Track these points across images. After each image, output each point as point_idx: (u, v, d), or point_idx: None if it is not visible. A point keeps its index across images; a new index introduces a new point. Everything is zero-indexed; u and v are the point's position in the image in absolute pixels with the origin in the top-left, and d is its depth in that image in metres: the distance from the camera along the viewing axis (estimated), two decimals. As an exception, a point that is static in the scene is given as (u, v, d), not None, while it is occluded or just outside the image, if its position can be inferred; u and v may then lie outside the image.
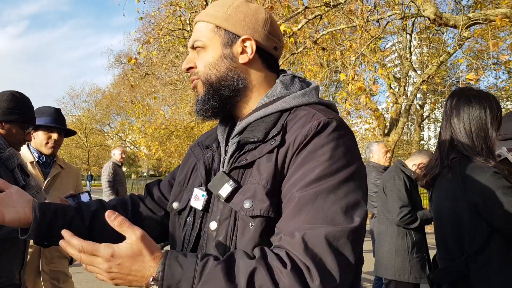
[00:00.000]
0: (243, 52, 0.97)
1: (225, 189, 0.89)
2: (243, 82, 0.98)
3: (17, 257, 1.88)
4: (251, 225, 0.84)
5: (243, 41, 0.97)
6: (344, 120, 0.96)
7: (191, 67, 1.01)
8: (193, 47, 1.00)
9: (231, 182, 0.89)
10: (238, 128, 0.98)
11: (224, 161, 0.99)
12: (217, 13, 0.98)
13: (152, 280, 0.75)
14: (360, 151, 0.92)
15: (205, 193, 0.95)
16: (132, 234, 0.77)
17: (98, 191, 9.19)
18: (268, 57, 1.01)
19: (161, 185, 1.20)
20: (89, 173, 33.11)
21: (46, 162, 2.53)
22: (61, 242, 0.80)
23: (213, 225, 0.91)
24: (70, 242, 0.78)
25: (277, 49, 1.02)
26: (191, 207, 0.98)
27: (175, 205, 1.04)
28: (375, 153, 3.75)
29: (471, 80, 6.17)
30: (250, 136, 0.93)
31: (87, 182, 29.62)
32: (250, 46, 0.97)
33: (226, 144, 1.02)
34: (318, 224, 0.78)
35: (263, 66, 1.01)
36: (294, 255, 0.75)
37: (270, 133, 0.91)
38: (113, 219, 0.77)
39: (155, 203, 1.17)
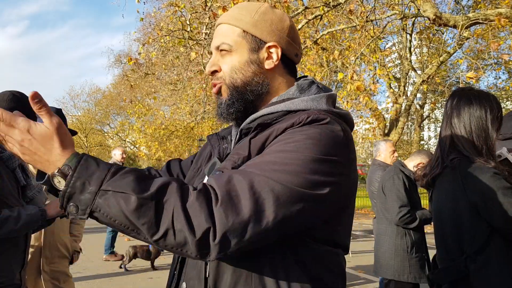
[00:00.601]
0: (268, 58, 1.00)
1: (208, 166, 0.97)
2: (267, 87, 1.00)
3: (18, 257, 1.89)
4: None
5: (269, 47, 0.99)
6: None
7: (216, 71, 1.01)
8: (218, 49, 1.01)
9: (217, 160, 0.96)
10: (246, 121, 1.00)
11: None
12: (244, 17, 0.99)
13: (58, 171, 0.76)
14: (359, 151, 0.92)
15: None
16: (49, 121, 0.79)
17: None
18: (290, 63, 1.04)
19: (183, 163, 1.22)
20: None
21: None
22: None
23: None
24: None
25: (297, 55, 1.05)
26: None
27: None
28: (382, 152, 3.75)
29: (471, 79, 6.17)
30: (249, 125, 0.96)
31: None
32: (276, 53, 1.00)
33: None
34: (251, 171, 0.78)
35: (285, 72, 1.03)
36: (209, 185, 0.77)
37: (262, 123, 0.94)
38: (36, 102, 0.77)
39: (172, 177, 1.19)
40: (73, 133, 2.71)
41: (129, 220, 0.72)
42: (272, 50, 0.99)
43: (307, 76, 1.07)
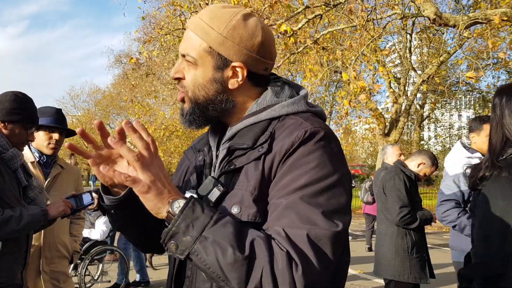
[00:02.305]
0: (233, 76, 0.97)
1: (214, 194, 0.92)
2: (231, 103, 0.99)
3: (19, 257, 1.89)
4: None
5: (234, 67, 0.96)
6: (344, 120, 0.96)
7: (180, 78, 0.99)
8: (183, 57, 0.98)
9: (220, 186, 0.92)
10: (228, 134, 1.00)
11: (215, 165, 1.01)
12: (212, 31, 0.94)
13: (170, 206, 0.81)
14: (359, 151, 0.93)
15: (195, 196, 0.96)
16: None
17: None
18: (258, 78, 1.01)
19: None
20: (92, 172, 33.04)
21: (47, 162, 2.53)
22: (130, 124, 0.83)
23: None
24: (143, 132, 0.84)
25: (267, 69, 1.02)
26: None
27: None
28: (389, 155, 3.79)
29: (471, 78, 6.16)
30: (240, 142, 0.95)
31: (92, 182, 29.52)
32: (241, 72, 0.96)
33: (217, 149, 1.03)
34: (299, 224, 0.81)
35: (252, 87, 1.01)
36: (283, 246, 0.79)
37: (258, 140, 0.92)
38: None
39: None
40: (73, 133, 2.71)
41: (222, 271, 0.77)
42: (238, 69, 0.96)
43: (275, 75, 1.06)
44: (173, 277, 1.00)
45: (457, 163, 2.82)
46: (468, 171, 1.73)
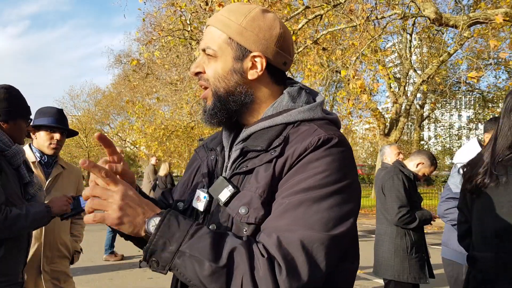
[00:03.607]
0: (252, 67, 0.98)
1: (224, 194, 0.92)
2: (250, 97, 0.99)
3: (21, 255, 1.90)
4: (245, 231, 0.88)
5: (254, 57, 0.97)
6: (345, 120, 0.97)
7: (200, 72, 1.01)
8: (204, 51, 1.00)
9: (230, 187, 0.92)
10: (243, 135, 1.00)
11: (227, 166, 1.01)
12: (232, 23, 0.97)
13: (146, 225, 0.82)
14: (359, 151, 0.94)
15: (206, 195, 0.97)
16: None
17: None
18: (276, 72, 1.02)
19: (173, 190, 1.22)
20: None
21: (48, 162, 2.53)
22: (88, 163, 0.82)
23: (212, 228, 0.93)
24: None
25: (286, 64, 1.02)
26: (193, 208, 1.01)
27: (180, 205, 1.06)
28: (387, 155, 3.79)
29: (473, 78, 6.16)
30: (254, 144, 0.95)
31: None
32: (260, 63, 0.97)
33: (230, 149, 1.04)
34: (296, 227, 0.81)
35: (271, 81, 1.01)
36: (267, 250, 0.80)
37: (272, 143, 0.93)
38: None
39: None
40: (74, 133, 2.71)
41: (202, 283, 0.78)
42: (257, 59, 0.97)
43: (292, 80, 1.07)
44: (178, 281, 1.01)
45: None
46: (461, 171, 1.72)
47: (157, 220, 0.82)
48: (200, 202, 0.98)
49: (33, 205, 1.90)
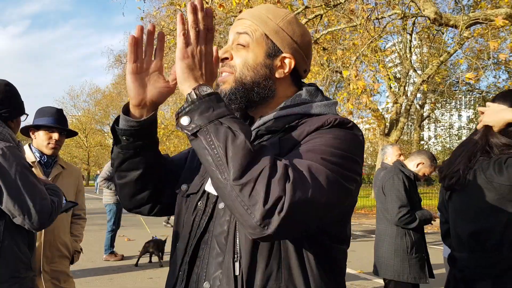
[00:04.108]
0: (280, 67, 1.02)
1: None
2: (273, 93, 1.02)
3: (33, 246, 1.90)
4: None
5: (284, 57, 1.01)
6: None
7: (227, 58, 1.02)
8: (238, 34, 1.02)
9: None
10: (258, 122, 1.02)
11: None
12: (270, 21, 1.01)
13: (197, 86, 0.85)
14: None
15: None
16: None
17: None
18: (297, 77, 1.07)
19: (176, 162, 1.19)
20: (98, 172, 33.05)
21: (48, 162, 2.53)
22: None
23: (221, 205, 0.95)
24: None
25: (306, 71, 1.08)
26: (204, 192, 1.00)
27: (184, 187, 1.06)
28: (388, 155, 3.79)
29: (471, 79, 6.17)
30: (269, 127, 0.98)
31: (95, 183, 29.43)
32: (289, 64, 1.02)
33: None
34: (305, 159, 0.84)
35: (292, 83, 1.06)
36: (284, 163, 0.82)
37: (288, 125, 0.96)
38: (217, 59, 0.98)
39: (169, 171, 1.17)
40: (74, 133, 2.71)
41: (226, 153, 0.77)
42: (286, 61, 1.01)
43: (309, 83, 1.10)
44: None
45: None
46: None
47: (208, 89, 0.85)
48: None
49: (53, 193, 1.89)
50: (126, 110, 0.99)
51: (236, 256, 0.89)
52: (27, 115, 2.06)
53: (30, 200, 1.67)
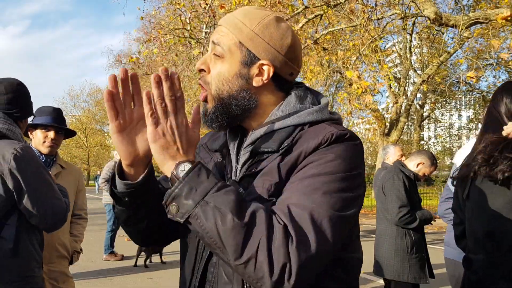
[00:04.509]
0: (258, 74, 0.97)
1: None
2: (254, 103, 0.98)
3: (43, 245, 1.90)
4: None
5: (261, 64, 0.96)
6: (345, 120, 0.98)
7: (204, 70, 1.00)
8: (214, 44, 0.99)
9: (241, 190, 0.92)
10: (251, 137, 0.99)
11: (236, 169, 1.00)
12: (244, 27, 0.96)
13: (175, 167, 0.83)
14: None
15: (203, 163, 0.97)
16: (199, 130, 0.90)
17: (98, 191, 9.05)
18: (282, 81, 1.01)
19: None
20: (98, 173, 33.03)
21: (46, 162, 2.51)
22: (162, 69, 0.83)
23: None
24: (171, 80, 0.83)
25: (292, 74, 1.02)
26: None
27: None
28: (390, 155, 3.78)
29: (472, 78, 6.16)
30: (264, 146, 0.94)
31: (96, 183, 29.41)
32: (267, 71, 0.97)
33: (238, 153, 1.02)
34: (307, 203, 0.82)
35: (276, 89, 1.01)
36: (282, 219, 0.80)
37: (283, 144, 0.93)
38: (197, 112, 0.91)
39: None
40: (73, 133, 2.70)
41: (219, 237, 0.77)
42: (264, 68, 0.96)
43: (297, 82, 1.07)
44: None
45: None
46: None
47: (187, 166, 0.82)
48: None
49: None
50: (120, 170, 0.94)
51: (245, 285, 0.88)
52: (34, 116, 2.06)
53: (47, 201, 1.68)
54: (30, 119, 2.33)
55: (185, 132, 0.85)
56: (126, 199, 0.95)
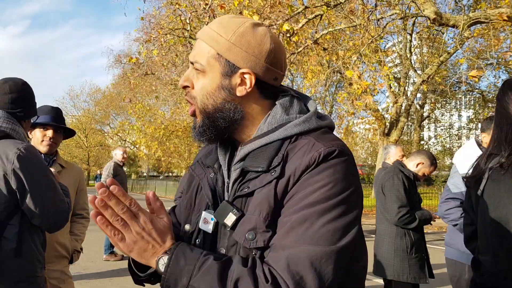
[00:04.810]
0: (241, 84, 0.96)
1: (230, 218, 0.93)
2: (240, 113, 0.98)
3: (45, 245, 1.89)
4: (254, 253, 0.89)
5: (243, 73, 0.95)
6: (345, 120, 0.98)
7: (188, 86, 1.00)
8: (193, 65, 0.99)
9: (235, 211, 0.93)
10: (240, 154, 0.99)
11: (228, 185, 1.01)
12: (221, 38, 0.95)
13: (156, 265, 0.87)
14: (359, 151, 0.94)
15: (214, 217, 0.98)
16: (167, 215, 0.91)
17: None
18: (267, 87, 1.00)
19: (176, 210, 1.20)
20: (98, 172, 33.08)
21: (45, 161, 2.50)
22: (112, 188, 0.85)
23: (221, 251, 0.96)
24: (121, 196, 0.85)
25: (277, 79, 1.00)
26: (200, 230, 1.01)
27: (187, 227, 1.05)
28: (391, 155, 3.77)
29: (475, 77, 6.15)
30: (253, 165, 0.94)
31: (96, 182, 29.50)
32: (249, 79, 0.95)
33: (229, 168, 1.03)
34: (303, 244, 0.82)
35: (261, 97, 1.00)
36: (276, 272, 0.81)
37: (272, 162, 0.92)
38: (156, 200, 0.91)
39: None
40: (72, 133, 2.70)
41: None
42: (246, 76, 0.95)
43: (283, 87, 1.05)
44: None
45: (468, 160, 2.79)
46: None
47: (165, 259, 0.86)
48: (207, 224, 0.98)
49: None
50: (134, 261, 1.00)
51: None
52: (38, 116, 2.05)
53: (50, 202, 1.68)
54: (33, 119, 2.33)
55: (152, 228, 0.87)
56: (152, 279, 1.01)
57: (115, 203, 0.84)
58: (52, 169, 2.16)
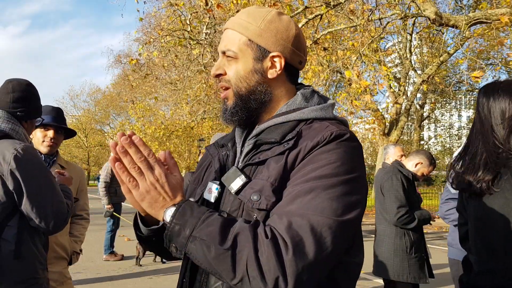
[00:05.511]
0: (272, 67, 1.03)
1: (237, 183, 0.97)
2: (269, 96, 1.05)
3: (47, 246, 1.89)
4: (255, 217, 0.91)
5: (273, 57, 1.03)
6: (345, 121, 1.01)
7: (221, 74, 1.06)
8: (224, 54, 1.05)
9: (243, 176, 0.96)
10: (256, 130, 1.04)
11: (239, 160, 1.06)
12: (250, 25, 1.02)
13: (164, 214, 0.89)
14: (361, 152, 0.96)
15: (218, 187, 1.02)
16: (179, 172, 0.94)
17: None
18: (292, 71, 1.07)
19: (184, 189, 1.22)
20: (99, 172, 33.10)
21: (46, 162, 2.49)
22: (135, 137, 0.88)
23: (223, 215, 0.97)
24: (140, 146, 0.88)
25: (301, 63, 1.08)
26: (203, 200, 1.04)
27: (191, 199, 1.07)
28: (390, 156, 3.77)
29: (477, 77, 6.15)
30: (267, 137, 0.99)
31: (98, 182, 29.46)
32: (279, 63, 1.03)
33: (243, 145, 1.08)
34: (306, 211, 0.84)
35: (287, 80, 1.07)
36: (276, 231, 0.83)
37: (286, 136, 0.97)
38: (171, 158, 0.95)
39: None
40: (73, 133, 2.69)
41: (211, 265, 0.83)
42: (276, 59, 1.03)
43: (306, 84, 1.12)
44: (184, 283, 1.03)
45: None
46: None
47: (172, 210, 0.88)
48: (211, 193, 1.02)
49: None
50: (141, 216, 1.03)
51: None
52: (43, 119, 2.04)
53: (47, 203, 1.66)
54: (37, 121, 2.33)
55: (166, 182, 0.89)
56: (154, 238, 1.04)
57: (135, 151, 0.87)
58: (54, 170, 2.17)
